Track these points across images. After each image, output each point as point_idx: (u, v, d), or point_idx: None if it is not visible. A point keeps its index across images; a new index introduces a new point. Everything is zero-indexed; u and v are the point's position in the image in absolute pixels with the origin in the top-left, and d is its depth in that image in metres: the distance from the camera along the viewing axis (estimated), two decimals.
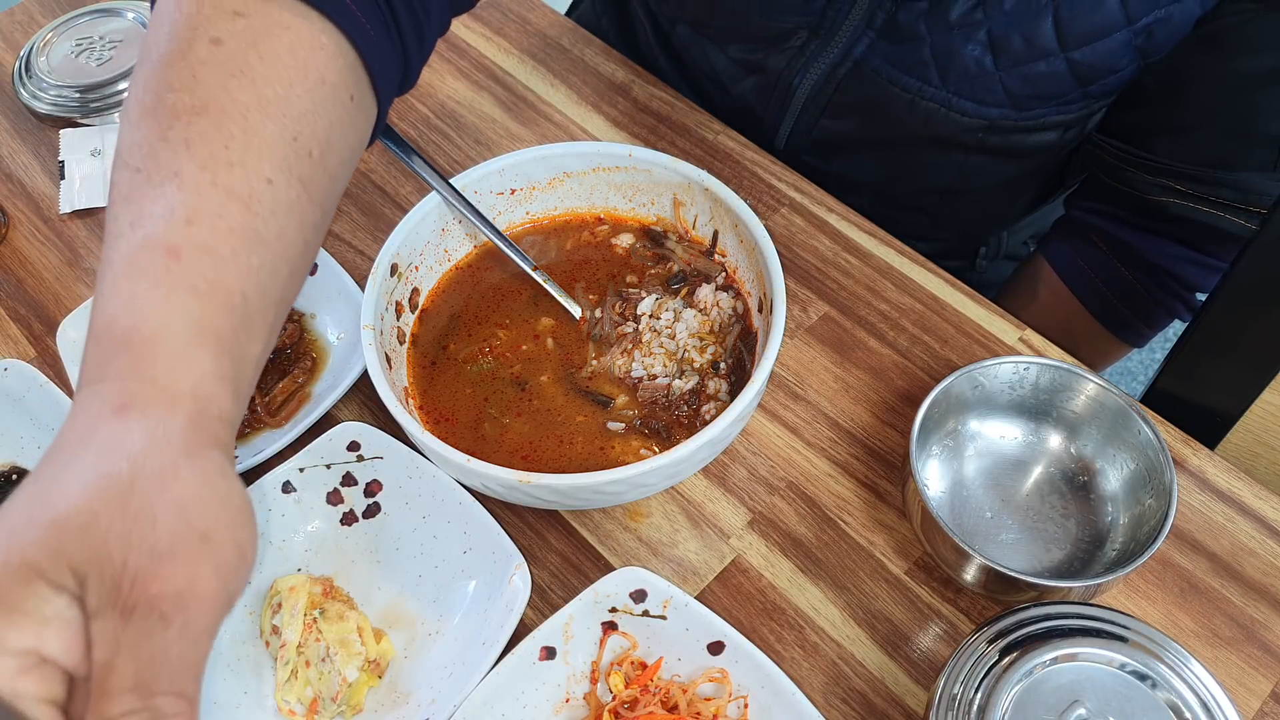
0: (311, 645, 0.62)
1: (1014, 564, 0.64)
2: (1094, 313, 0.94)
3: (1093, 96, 0.80)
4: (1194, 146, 0.81)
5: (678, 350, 0.71)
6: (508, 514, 0.69)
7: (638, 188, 0.76)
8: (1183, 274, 0.89)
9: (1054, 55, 0.76)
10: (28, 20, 1.03)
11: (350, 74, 0.54)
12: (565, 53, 0.98)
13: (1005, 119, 0.81)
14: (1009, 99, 0.80)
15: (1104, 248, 0.92)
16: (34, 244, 0.86)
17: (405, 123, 0.93)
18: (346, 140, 0.55)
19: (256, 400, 0.74)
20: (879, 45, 0.81)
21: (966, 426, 0.70)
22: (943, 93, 0.80)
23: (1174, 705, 0.52)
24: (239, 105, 0.48)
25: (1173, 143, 0.82)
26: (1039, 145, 0.85)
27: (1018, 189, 0.97)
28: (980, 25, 0.76)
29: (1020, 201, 1.01)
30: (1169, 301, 0.91)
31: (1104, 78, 0.78)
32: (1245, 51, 0.75)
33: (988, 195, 0.94)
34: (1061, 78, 0.77)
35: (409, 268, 0.72)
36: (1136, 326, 0.94)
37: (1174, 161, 0.81)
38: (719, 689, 0.60)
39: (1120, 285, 0.91)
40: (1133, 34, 0.74)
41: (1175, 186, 0.82)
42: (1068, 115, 0.82)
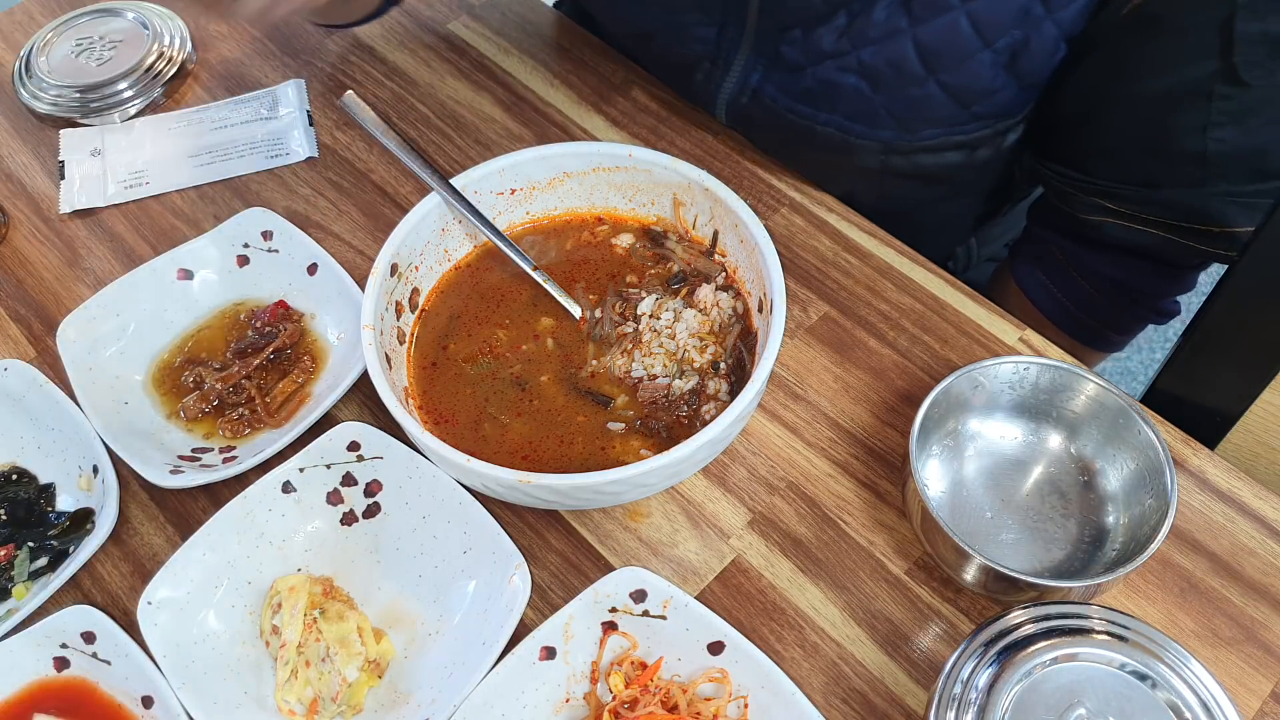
0: (311, 645, 0.62)
1: (1014, 564, 0.64)
2: (1060, 325, 0.94)
3: (983, 117, 0.80)
4: (1123, 166, 0.81)
5: (678, 350, 0.71)
6: (508, 514, 0.69)
7: (638, 188, 0.76)
8: (1141, 286, 0.89)
9: (924, 79, 0.76)
10: (28, 20, 1.03)
11: None
12: (565, 53, 0.98)
13: (900, 141, 0.82)
14: (895, 122, 0.80)
15: (1063, 261, 0.92)
16: (34, 244, 0.86)
17: (405, 123, 0.93)
18: None
19: (257, 400, 0.74)
20: (771, 75, 0.82)
21: (966, 426, 0.70)
22: (834, 118, 0.81)
23: (1174, 705, 0.52)
24: None
25: (1103, 164, 0.82)
26: (950, 166, 0.85)
27: (955, 208, 0.97)
28: (850, 54, 0.77)
29: (965, 218, 1.01)
30: (1134, 310, 0.91)
31: (982, 99, 0.78)
32: (1144, 75, 0.76)
33: (924, 218, 0.94)
34: (939, 101, 0.78)
35: (409, 268, 0.72)
36: (1106, 335, 0.94)
37: (1108, 182, 0.82)
38: (719, 689, 0.60)
39: (1083, 299, 0.92)
40: (995, 54, 0.75)
41: (1109, 206, 0.83)
42: (967, 135, 0.82)
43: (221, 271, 0.80)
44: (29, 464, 0.72)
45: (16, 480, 0.72)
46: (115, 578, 0.68)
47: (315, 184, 0.89)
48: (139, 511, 0.71)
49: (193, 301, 0.79)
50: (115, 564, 0.69)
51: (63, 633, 0.62)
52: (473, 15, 1.02)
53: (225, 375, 0.74)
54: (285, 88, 0.95)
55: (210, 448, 0.72)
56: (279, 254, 0.79)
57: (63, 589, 0.66)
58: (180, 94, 0.96)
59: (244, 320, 0.78)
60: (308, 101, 0.94)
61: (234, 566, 0.65)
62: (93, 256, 0.85)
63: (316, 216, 0.87)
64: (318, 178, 0.89)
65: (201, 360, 0.76)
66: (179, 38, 0.98)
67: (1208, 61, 0.72)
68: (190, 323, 0.78)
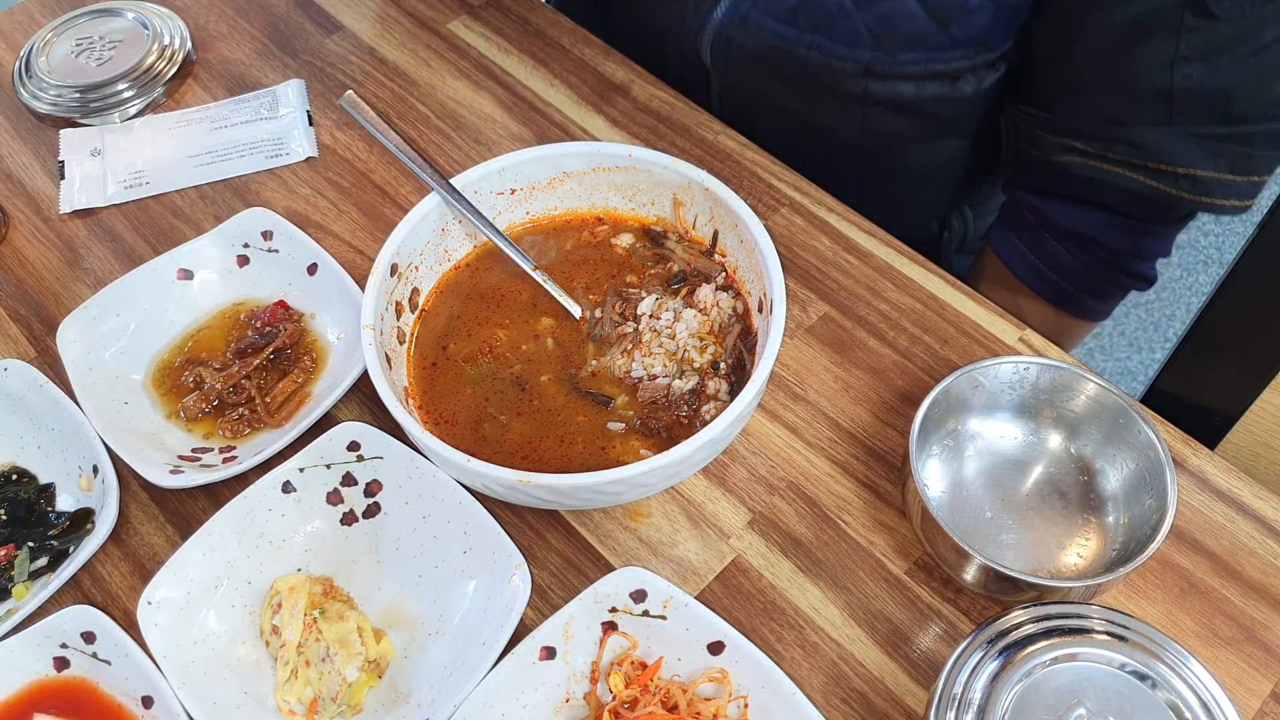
0: (311, 645, 0.62)
1: (1014, 564, 0.64)
2: (1037, 291, 0.94)
3: (962, 43, 0.82)
4: (1090, 105, 0.82)
5: (678, 350, 0.71)
6: (508, 514, 0.69)
7: (638, 188, 0.76)
8: (1109, 241, 0.89)
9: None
10: (28, 20, 1.03)
11: None
12: (565, 53, 0.98)
13: (879, 63, 0.83)
14: (875, 41, 0.82)
15: (1034, 223, 0.92)
16: (34, 244, 0.86)
17: (405, 123, 0.93)
18: None
19: (257, 400, 0.74)
20: (759, 2, 0.84)
21: (966, 426, 0.70)
22: (816, 38, 0.83)
23: (1174, 705, 0.52)
24: None
25: (1071, 103, 0.83)
26: (931, 98, 0.86)
27: (937, 157, 0.97)
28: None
29: (951, 174, 1.01)
30: (1106, 272, 0.91)
31: (958, 18, 0.79)
32: (1110, 4, 0.76)
33: (907, 163, 0.95)
34: (916, 17, 0.79)
35: (409, 268, 0.72)
36: (1083, 300, 0.94)
37: (1073, 122, 0.83)
38: (719, 689, 0.60)
39: (1056, 260, 0.92)
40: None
41: (1076, 145, 0.83)
42: (947, 64, 0.83)
43: (221, 271, 0.80)
44: (29, 464, 0.72)
45: (16, 480, 0.72)
46: (115, 578, 0.68)
47: (315, 184, 0.89)
48: (139, 511, 0.71)
49: (193, 301, 0.79)
50: (115, 564, 0.69)
51: (63, 633, 0.62)
52: (473, 15, 1.02)
53: (225, 375, 0.74)
54: (285, 88, 0.95)
55: (210, 448, 0.72)
56: (279, 254, 0.79)
57: (63, 589, 0.66)
58: (180, 94, 0.96)
59: (244, 320, 0.78)
60: (308, 101, 0.94)
61: (234, 566, 0.65)
62: (93, 256, 0.85)
63: (316, 216, 0.87)
64: (318, 178, 0.89)
65: (201, 360, 0.76)
66: (179, 38, 0.98)
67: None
68: (190, 323, 0.78)
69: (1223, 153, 0.78)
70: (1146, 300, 2.06)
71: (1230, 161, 0.78)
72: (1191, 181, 0.79)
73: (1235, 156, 0.78)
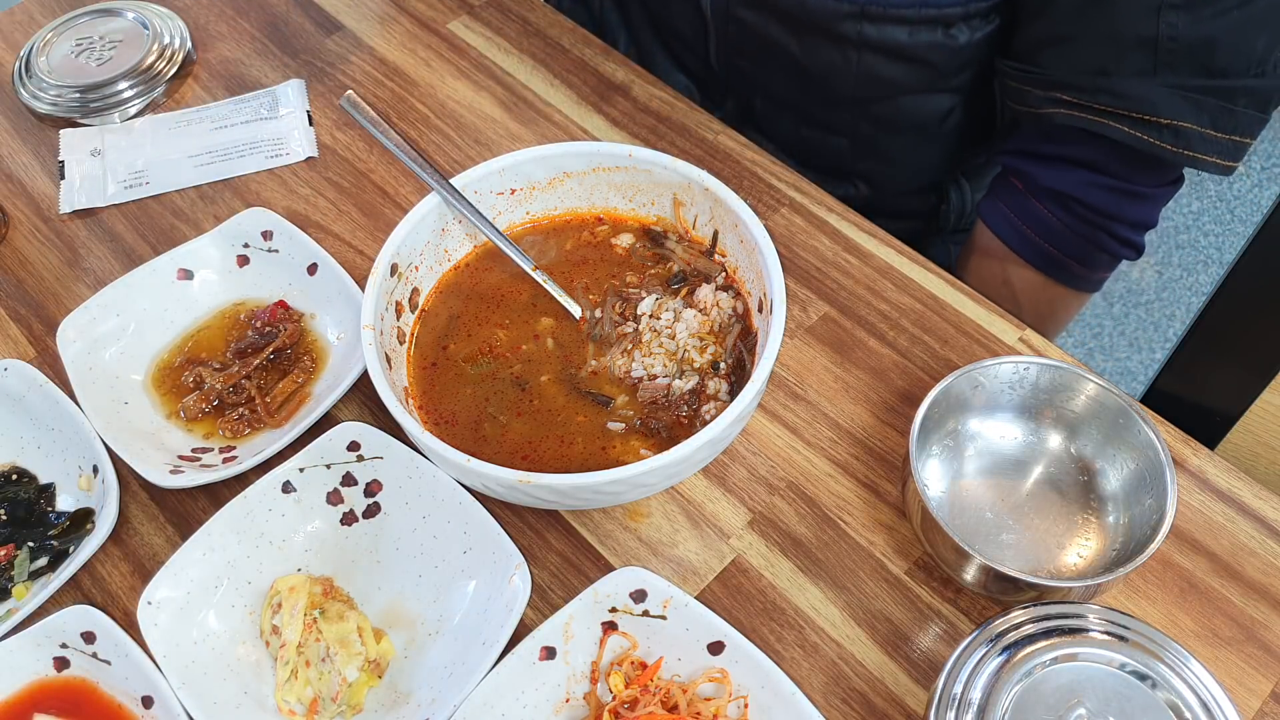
0: (311, 645, 0.62)
1: (1014, 564, 0.64)
2: (1025, 258, 0.95)
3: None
4: (1075, 55, 0.82)
5: (678, 350, 0.71)
6: (508, 514, 0.69)
7: (638, 188, 0.76)
8: (1092, 200, 0.89)
9: None
10: (28, 20, 1.03)
11: None
12: (565, 53, 0.98)
13: (873, 5, 0.84)
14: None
15: (1021, 188, 0.93)
16: (34, 244, 0.86)
17: (405, 122, 0.93)
18: None
19: (257, 400, 0.74)
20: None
21: (966, 426, 0.70)
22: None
23: (1174, 705, 0.52)
24: None
25: (1056, 54, 0.83)
26: (925, 45, 0.86)
27: (929, 110, 0.97)
28: None
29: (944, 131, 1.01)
30: (1091, 234, 0.91)
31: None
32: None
33: (900, 112, 0.95)
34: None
35: (409, 268, 0.72)
36: (1070, 267, 0.94)
37: (1058, 74, 0.83)
38: (719, 689, 0.60)
39: (1041, 224, 0.92)
40: None
41: (1060, 97, 0.83)
42: (942, 10, 0.84)
43: (221, 271, 0.80)
44: (29, 464, 0.72)
45: (16, 480, 0.72)
46: (115, 578, 0.68)
47: (315, 184, 0.89)
48: (139, 511, 0.71)
49: (193, 301, 0.79)
50: (115, 564, 0.69)
51: (63, 633, 0.62)
52: (473, 15, 1.02)
53: (225, 375, 0.74)
54: (285, 88, 0.95)
55: (210, 448, 0.72)
56: (279, 254, 0.79)
57: (63, 589, 0.66)
58: (180, 94, 0.96)
59: (244, 320, 0.78)
60: (308, 101, 0.94)
61: (234, 566, 0.65)
62: (93, 256, 0.85)
63: (316, 216, 0.87)
64: (318, 178, 0.89)
65: (201, 360, 0.76)
66: (179, 38, 0.98)
67: None
68: (190, 323, 0.78)
69: (1205, 107, 0.79)
70: (1146, 300, 2.06)
71: (1212, 116, 0.79)
72: (1175, 133, 0.80)
73: (1216, 111, 0.79)
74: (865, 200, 1.01)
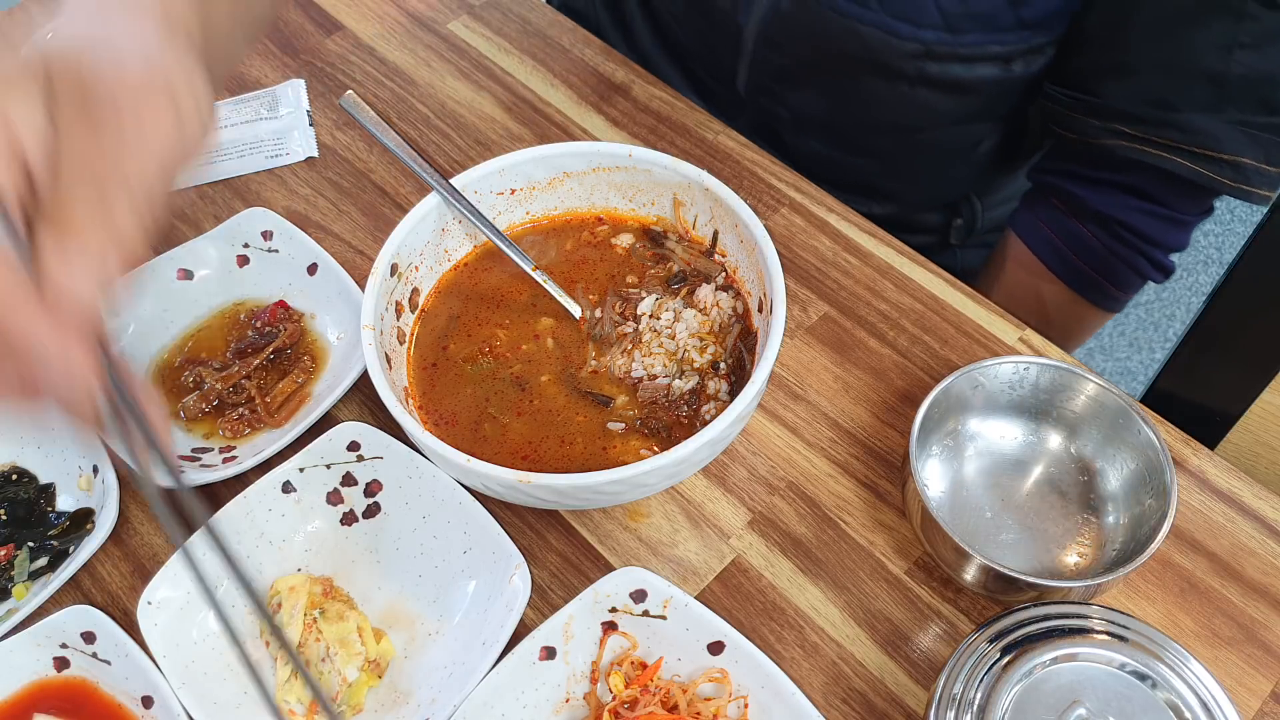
0: (311, 645, 0.62)
1: (1014, 564, 0.64)
2: (1059, 275, 0.94)
3: (1028, 25, 0.81)
4: (1137, 87, 0.81)
5: (678, 350, 0.71)
6: (508, 514, 0.69)
7: (638, 188, 0.76)
8: (1137, 225, 0.89)
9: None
10: (28, 20, 1.03)
11: None
12: (565, 53, 0.98)
13: (941, 43, 0.82)
14: (943, 20, 0.81)
15: (1062, 207, 0.92)
16: None
17: (405, 123, 0.93)
18: None
19: (257, 400, 0.74)
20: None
21: (966, 426, 0.70)
22: (879, 15, 0.82)
23: (1174, 705, 0.52)
24: None
25: (1118, 85, 0.83)
26: (982, 80, 0.86)
27: (970, 135, 0.97)
28: None
29: (978, 151, 1.01)
30: (1130, 257, 0.91)
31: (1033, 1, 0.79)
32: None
33: (938, 138, 0.95)
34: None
35: (409, 268, 0.72)
36: (1103, 287, 0.94)
37: (1120, 104, 0.82)
38: (719, 689, 0.60)
39: (1080, 243, 0.92)
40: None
41: (1122, 129, 0.83)
42: (1006, 46, 0.83)
43: (221, 271, 0.80)
44: (29, 464, 0.72)
45: (16, 480, 0.71)
46: (115, 578, 0.68)
47: (315, 184, 0.89)
48: (139, 511, 0.71)
49: (193, 301, 0.79)
50: (115, 564, 0.69)
51: (63, 633, 0.62)
52: (473, 15, 1.02)
53: (225, 375, 0.74)
54: (285, 88, 0.95)
55: (210, 448, 0.72)
56: (279, 254, 0.79)
57: (63, 589, 0.66)
58: None
59: (244, 320, 0.78)
60: (308, 101, 0.94)
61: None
62: None
63: (316, 216, 0.87)
64: (318, 178, 0.89)
65: (201, 360, 0.76)
66: None
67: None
68: (190, 323, 0.78)
69: (1261, 142, 0.79)
70: (1146, 300, 2.06)
71: (1267, 151, 0.79)
72: (1235, 168, 0.80)
73: (1271, 146, 0.79)
74: (882, 217, 1.01)
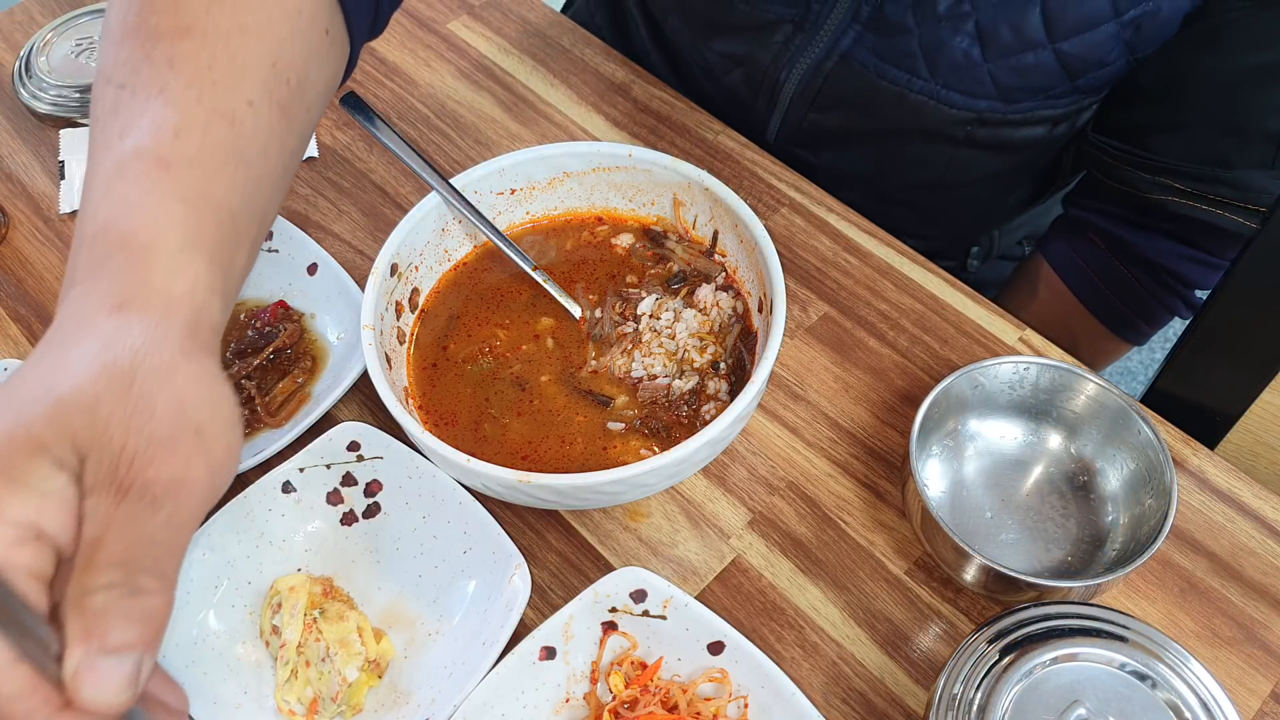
0: (311, 645, 0.62)
1: (1014, 564, 0.64)
2: (1093, 311, 0.94)
3: (1081, 91, 0.80)
4: (1192, 144, 0.80)
5: (678, 350, 0.71)
6: (508, 514, 0.69)
7: (638, 188, 0.76)
8: (1181, 271, 0.89)
9: (1042, 47, 0.76)
10: (28, 20, 1.03)
11: (324, 8, 0.57)
12: (565, 53, 0.98)
13: (994, 111, 0.81)
14: (997, 91, 0.79)
15: (1102, 245, 0.92)
16: (34, 244, 0.86)
17: (405, 123, 0.93)
18: (322, 72, 0.57)
19: (257, 400, 0.74)
20: (865, 38, 0.80)
21: (966, 426, 0.70)
22: (931, 85, 0.80)
23: (1174, 705, 0.52)
24: (220, 28, 0.51)
25: (1171, 141, 0.82)
26: (1028, 139, 0.85)
27: (1008, 185, 0.97)
28: (968, 17, 0.76)
29: (1011, 198, 1.01)
30: (1168, 299, 0.91)
31: (1092, 70, 0.78)
32: (1243, 48, 0.75)
33: (977, 190, 0.94)
34: (1050, 69, 0.77)
35: (409, 268, 0.72)
36: (1136, 324, 0.94)
37: (1172, 160, 0.81)
38: (719, 689, 0.60)
39: (1118, 282, 0.91)
40: (1120, 26, 0.74)
41: (1174, 185, 0.82)
42: (1057, 110, 0.82)
43: None
44: None
45: None
46: None
47: (315, 184, 0.89)
48: None
49: None
50: None
51: None
52: (473, 15, 1.02)
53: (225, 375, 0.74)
54: None
55: None
56: (279, 254, 0.79)
57: None
58: None
59: (244, 320, 0.78)
60: None
61: (234, 566, 0.65)
62: None
63: (316, 216, 0.87)
64: (318, 178, 0.89)
65: None
66: None
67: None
68: None
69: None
70: None
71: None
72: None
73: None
74: None
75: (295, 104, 0.54)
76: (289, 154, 0.55)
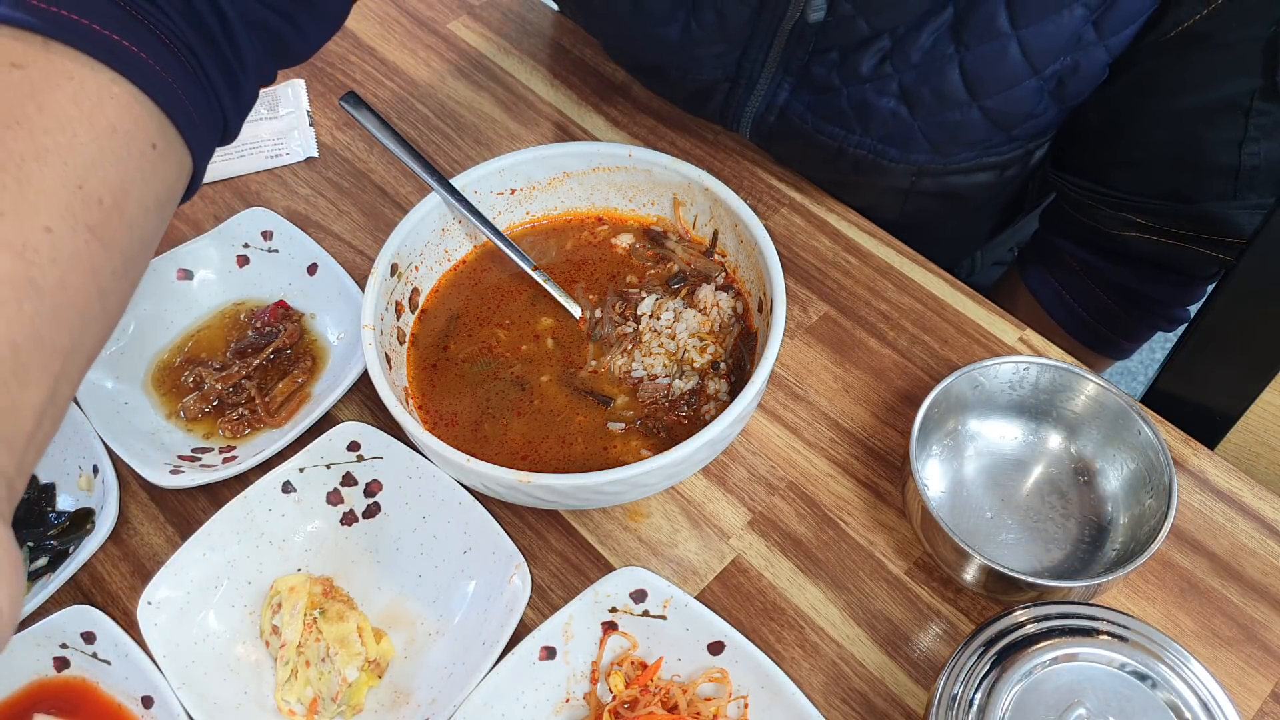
0: (311, 645, 0.62)
1: (1014, 564, 0.64)
2: (1072, 333, 0.94)
3: (1019, 140, 0.80)
4: (1149, 179, 0.80)
5: (678, 350, 0.71)
6: (508, 514, 0.69)
7: (638, 188, 0.76)
8: (1155, 295, 0.89)
9: (966, 105, 0.75)
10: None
11: (150, 122, 0.53)
12: (565, 53, 0.98)
13: (933, 164, 0.81)
14: (931, 146, 0.79)
15: (1077, 269, 0.92)
16: None
17: (405, 123, 0.93)
18: (150, 187, 0.53)
19: (257, 400, 0.74)
20: (800, 94, 0.80)
21: (966, 426, 0.70)
22: (866, 140, 0.80)
23: (1174, 705, 0.52)
24: (13, 155, 0.47)
25: (1129, 176, 0.81)
26: (977, 185, 0.84)
27: (973, 222, 0.97)
28: (890, 78, 0.75)
29: (980, 230, 1.01)
30: (1146, 318, 0.91)
31: (1023, 122, 0.77)
32: (1177, 92, 0.75)
33: (943, 230, 0.94)
34: (979, 125, 0.77)
35: (409, 268, 0.72)
36: (1116, 343, 0.94)
37: (1133, 195, 0.81)
38: (719, 689, 0.60)
39: (1095, 306, 0.91)
40: (1042, 81, 0.74)
41: (1137, 220, 0.82)
42: (1001, 156, 0.81)
43: (221, 271, 0.80)
44: None
45: None
46: (115, 578, 0.68)
47: (315, 184, 0.89)
48: (139, 511, 0.71)
49: (193, 301, 0.79)
50: (115, 564, 0.69)
51: (62, 633, 0.62)
52: (473, 15, 1.02)
53: (225, 375, 0.74)
54: (285, 88, 0.95)
55: (210, 448, 0.72)
56: (279, 254, 0.79)
57: (63, 589, 0.66)
58: None
59: (244, 320, 0.78)
60: (308, 101, 0.94)
61: (234, 566, 0.65)
62: None
63: (316, 216, 0.87)
64: (318, 178, 0.89)
65: (201, 360, 0.76)
66: None
67: (1249, 78, 0.71)
68: (190, 323, 0.78)
69: None
70: None
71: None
72: None
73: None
74: None
75: (111, 224, 0.51)
76: (106, 275, 0.51)
